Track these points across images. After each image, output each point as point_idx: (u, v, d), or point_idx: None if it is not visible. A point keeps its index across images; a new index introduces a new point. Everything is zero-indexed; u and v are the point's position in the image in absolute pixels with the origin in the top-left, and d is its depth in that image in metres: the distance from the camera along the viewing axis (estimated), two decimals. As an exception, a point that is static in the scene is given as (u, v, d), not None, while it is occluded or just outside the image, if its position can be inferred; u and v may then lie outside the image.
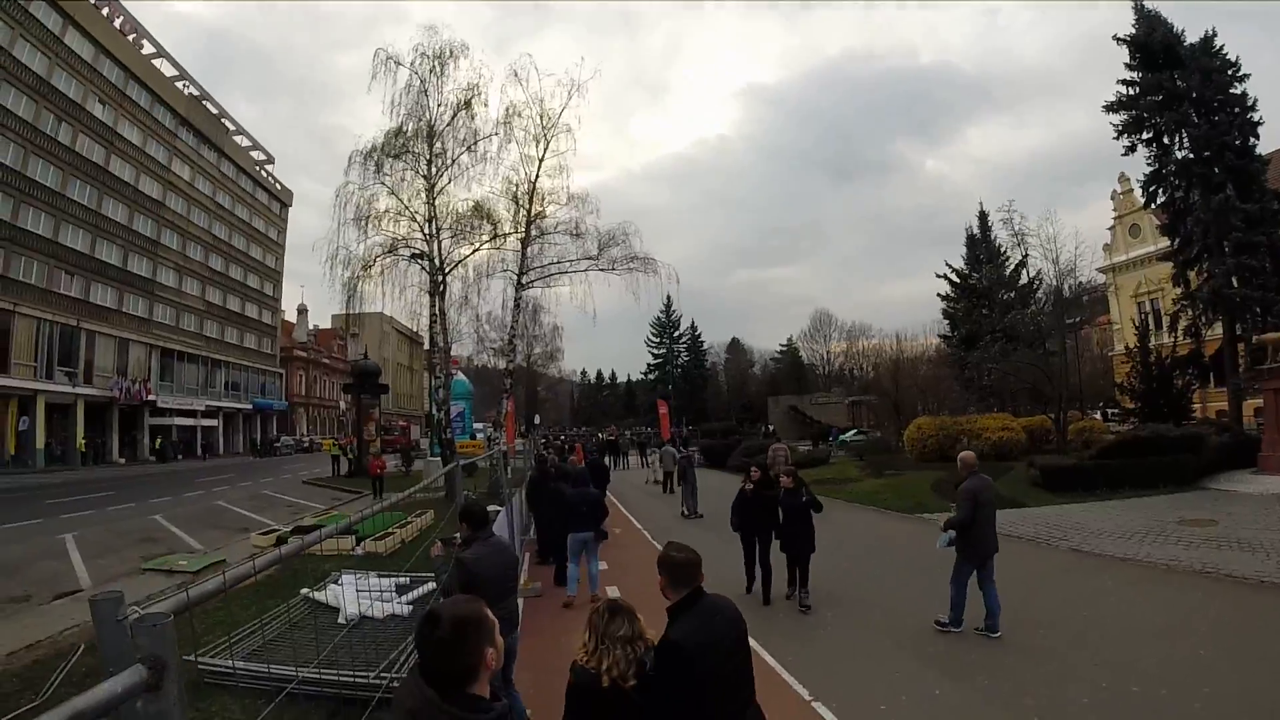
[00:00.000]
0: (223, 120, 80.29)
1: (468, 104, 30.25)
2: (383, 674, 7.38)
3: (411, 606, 10.50)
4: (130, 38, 63.59)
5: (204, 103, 76.29)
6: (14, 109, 49.62)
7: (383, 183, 30.58)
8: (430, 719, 2.39)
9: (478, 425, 55.92)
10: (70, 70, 55.29)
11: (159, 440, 64.78)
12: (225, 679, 7.68)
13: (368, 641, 8.95)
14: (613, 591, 12.41)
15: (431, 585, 10.04)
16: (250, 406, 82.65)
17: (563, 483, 14.83)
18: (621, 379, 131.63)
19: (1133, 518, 17.27)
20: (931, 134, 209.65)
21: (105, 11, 59.66)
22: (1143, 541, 14.77)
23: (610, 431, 70.13)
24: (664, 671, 3.70)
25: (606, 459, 36.29)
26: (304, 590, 11.27)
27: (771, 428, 70.13)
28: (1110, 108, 34.63)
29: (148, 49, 66.76)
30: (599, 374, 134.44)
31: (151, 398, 63.69)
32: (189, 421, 70.42)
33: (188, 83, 73.19)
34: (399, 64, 29.91)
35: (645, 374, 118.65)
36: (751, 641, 6.91)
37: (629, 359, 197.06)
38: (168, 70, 69.99)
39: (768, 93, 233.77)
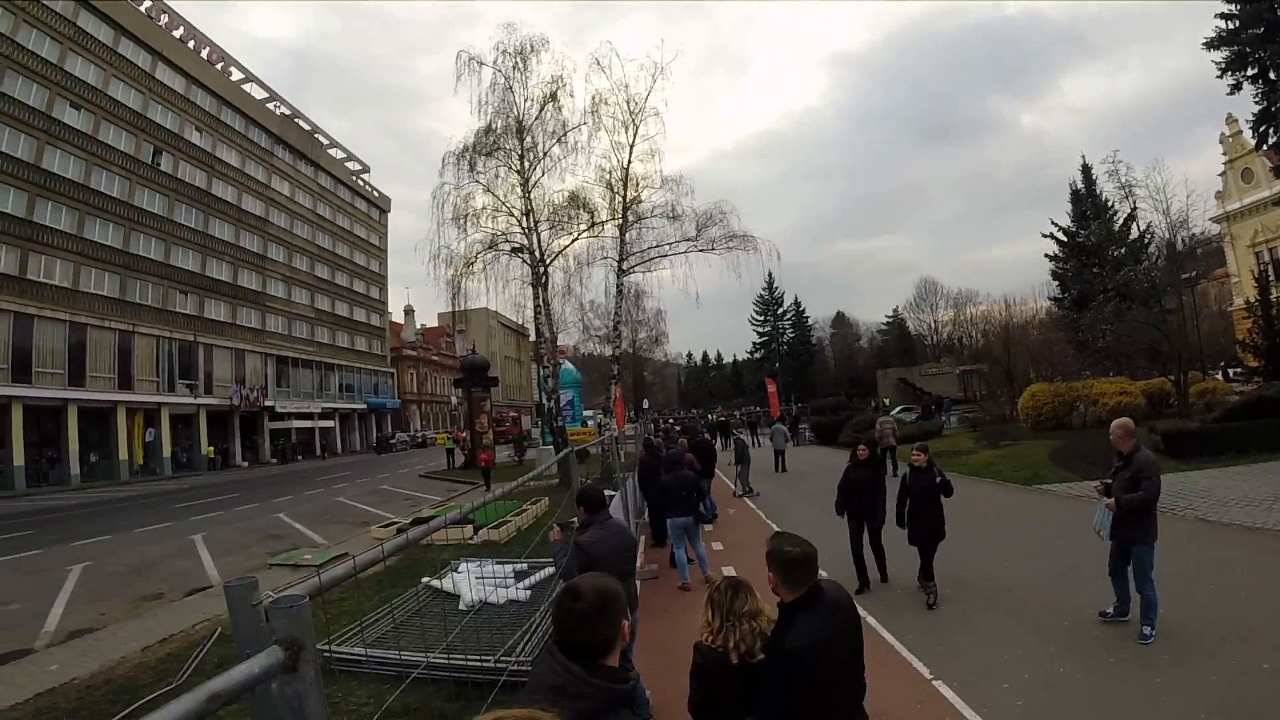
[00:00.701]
0: (316, 135, 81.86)
1: (553, 96, 29.89)
2: (503, 658, 7.38)
3: (530, 592, 10.55)
4: (219, 66, 65.14)
5: (296, 120, 77.85)
6: (115, 144, 52.07)
7: (477, 181, 30.57)
8: (579, 693, 2.32)
9: (588, 412, 55.82)
10: (164, 103, 57.42)
11: (285, 442, 67.39)
12: (354, 666, 7.84)
13: (488, 627, 9.01)
14: (728, 572, 12.08)
15: (549, 570, 10.08)
16: (365, 406, 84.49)
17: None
18: (727, 359, 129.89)
19: (1261, 484, 15.73)
20: (1024, 87, 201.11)
21: (191, 44, 61.31)
22: (1272, 509, 13.32)
23: (719, 413, 69.75)
24: (778, 678, 3.41)
25: (717, 440, 35.85)
26: (425, 579, 11.41)
27: (887, 400, 68.06)
28: (1210, 44, 31.76)
29: (236, 75, 68.35)
30: (704, 355, 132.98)
31: (270, 403, 65.76)
32: (307, 424, 72.30)
33: (278, 103, 74.76)
34: (481, 64, 29.71)
35: (751, 353, 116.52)
36: (870, 619, 6.50)
37: (734, 339, 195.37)
38: (258, 93, 71.67)
39: (851, 59, 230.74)
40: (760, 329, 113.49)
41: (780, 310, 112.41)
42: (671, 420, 56.50)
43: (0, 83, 43.56)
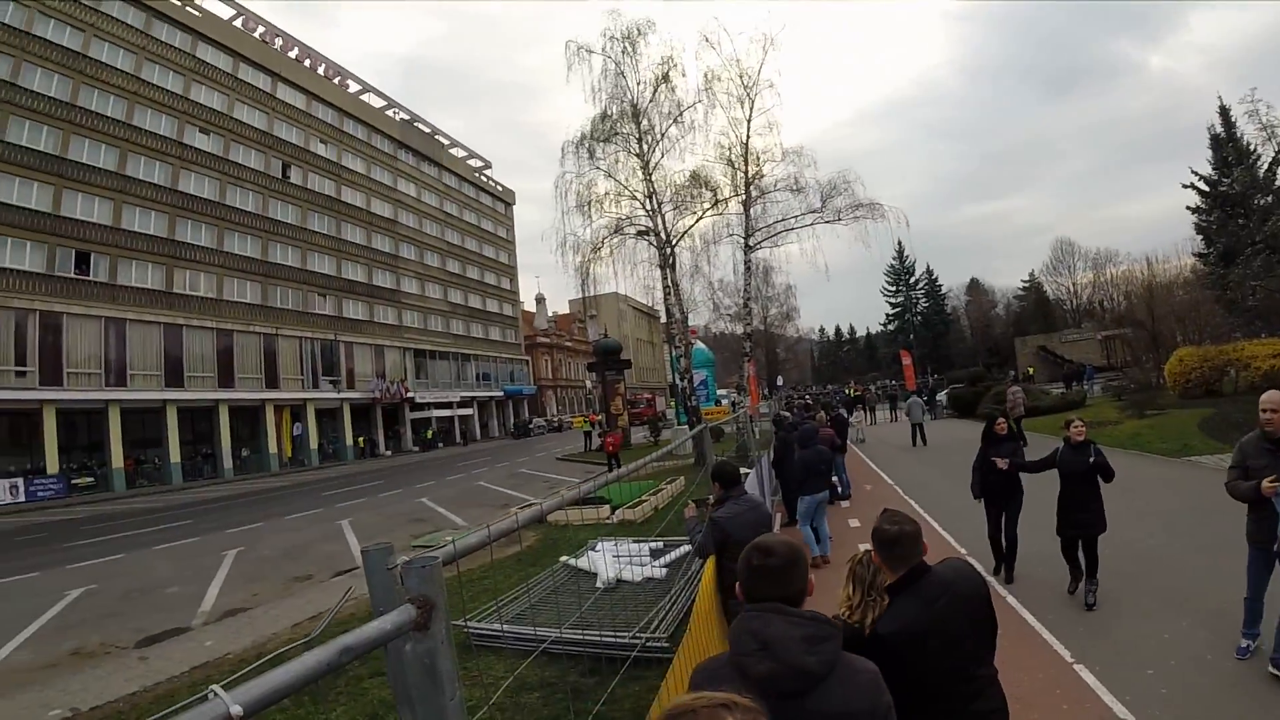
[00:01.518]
0: (436, 136, 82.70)
1: (665, 77, 28.91)
2: (639, 634, 7.40)
3: (666, 569, 10.45)
4: (335, 80, 66.77)
5: (415, 124, 78.82)
6: (245, 162, 54.57)
7: (598, 167, 29.94)
8: (826, 634, 2.32)
9: (721, 391, 55.25)
10: (288, 119, 59.68)
11: (430, 431, 68.75)
12: (492, 641, 8.11)
13: (625, 603, 9.02)
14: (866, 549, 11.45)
15: (685, 548, 10.12)
16: (502, 394, 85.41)
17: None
18: (860, 332, 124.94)
19: None
20: (1150, 26, 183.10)
21: (307, 63, 63.08)
22: None
23: (855, 386, 68.03)
24: (878, 664, 2.84)
25: (858, 414, 35.17)
26: (563, 558, 11.50)
27: (1031, 370, 64.66)
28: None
29: (354, 87, 69.79)
30: (837, 329, 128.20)
31: (410, 395, 67.41)
32: (446, 413, 73.64)
33: (396, 109, 75.89)
34: (590, 52, 29.03)
35: (884, 325, 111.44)
36: (1010, 599, 5.64)
37: (866, 311, 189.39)
38: (376, 102, 73.01)
39: (968, 11, 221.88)
40: (892, 300, 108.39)
41: (912, 279, 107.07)
42: (805, 395, 55.15)
43: (132, 116, 45.82)
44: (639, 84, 28.96)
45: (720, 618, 5.50)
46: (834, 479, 14.97)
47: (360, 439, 61.25)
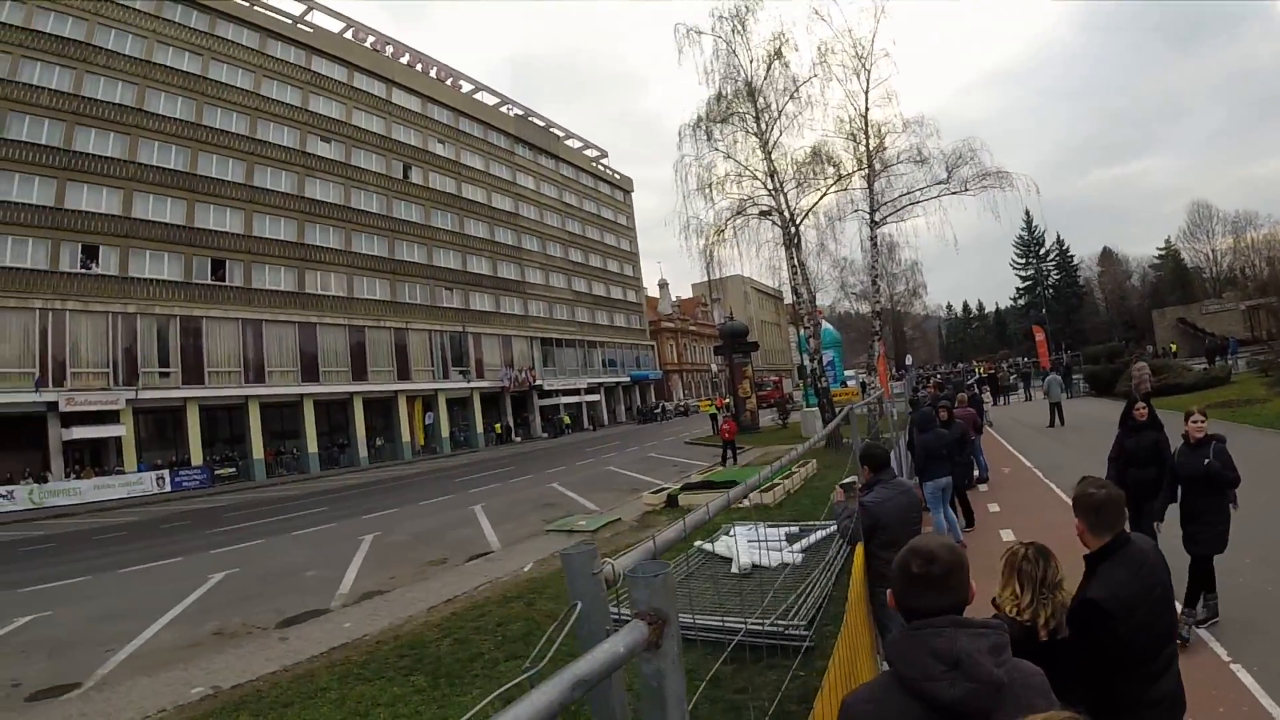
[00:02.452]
0: (551, 129, 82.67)
1: (778, 53, 27.51)
2: (778, 620, 7.19)
3: (803, 555, 10.01)
4: (448, 82, 67.60)
5: (530, 119, 78.96)
6: (367, 165, 56.08)
7: (716, 149, 29.06)
8: (1002, 642, 2.04)
9: (848, 372, 53.65)
10: (405, 123, 60.88)
11: (566, 417, 69.32)
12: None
13: (761, 589, 8.68)
14: (1006, 536, 10.83)
15: (821, 533, 9.89)
16: (628, 379, 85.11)
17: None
18: (989, 308, 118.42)
19: None
20: None
21: (419, 67, 64.11)
22: None
23: (988, 365, 65.12)
24: (1083, 633, 3.08)
25: (986, 395, 33.83)
26: (697, 542, 11.12)
27: (1174, 346, 59.23)
28: None
29: (466, 87, 70.50)
30: (965, 305, 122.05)
31: (538, 382, 67.75)
32: (574, 399, 73.63)
33: (510, 105, 76.19)
34: (700, 33, 28.08)
35: (1014, 300, 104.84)
36: None
37: (995, 285, 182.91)
38: (489, 100, 73.52)
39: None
40: (1022, 273, 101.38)
41: (1042, 251, 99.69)
42: (935, 374, 52.56)
43: (256, 130, 47.92)
44: (751, 62, 27.96)
45: (869, 606, 5.28)
46: (973, 460, 14.42)
47: (497, 425, 62.37)
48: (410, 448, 53.84)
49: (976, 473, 15.19)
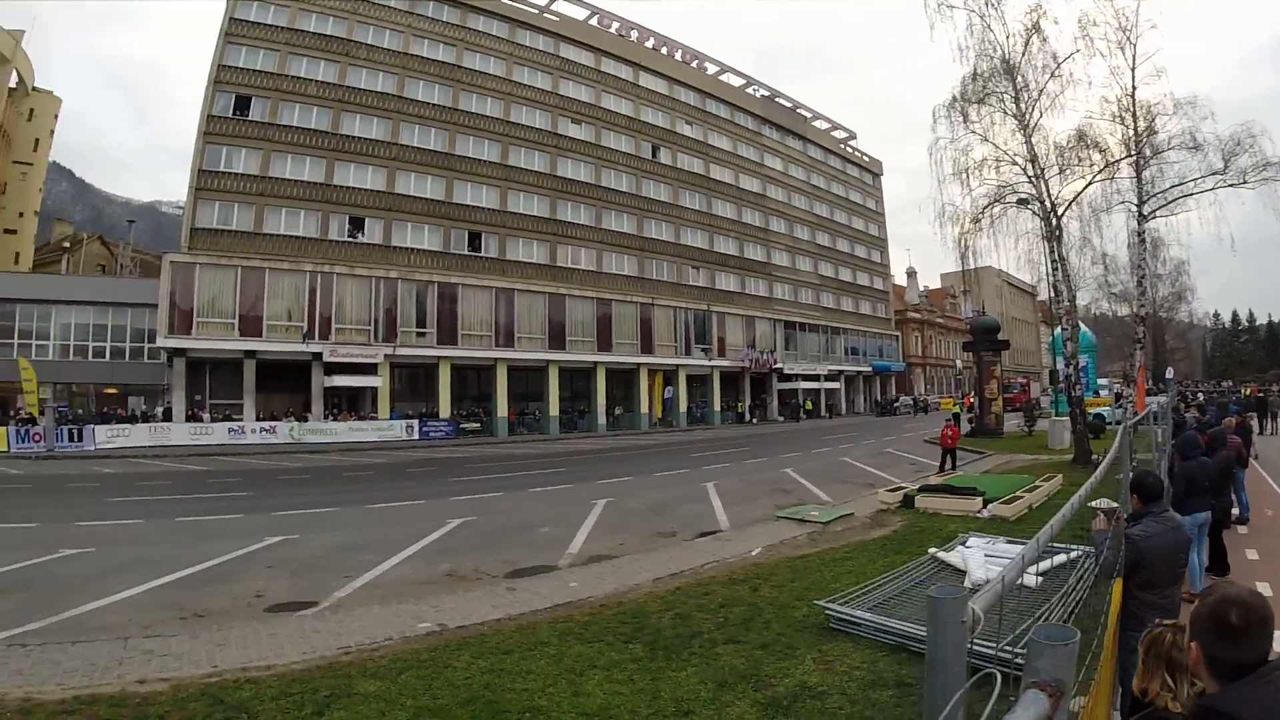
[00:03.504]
0: (798, 110, 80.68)
1: (1036, 27, 24.61)
2: (1006, 647, 5.92)
3: (1042, 579, 8.80)
4: (693, 64, 67.64)
5: (776, 100, 77.43)
6: (616, 145, 58.38)
7: (973, 131, 26.58)
8: None
9: (1101, 380, 49.74)
10: (652, 105, 62.14)
11: (808, 402, 68.64)
12: (853, 627, 7.71)
13: (992, 610, 7.25)
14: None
15: (1063, 557, 8.86)
16: (870, 369, 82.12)
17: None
18: (1260, 320, 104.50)
19: None
20: None
21: (664, 50, 64.67)
22: None
23: (1254, 389, 58.69)
24: None
25: (1253, 421, 30.19)
26: (931, 550, 10.72)
27: None
28: None
29: (711, 69, 70.17)
30: (1234, 316, 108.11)
31: (778, 365, 66.79)
32: (813, 385, 71.58)
33: (756, 87, 75.07)
34: (952, 7, 25.48)
35: None
36: None
37: (1270, 294, 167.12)
38: (735, 81, 72.84)
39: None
40: None
41: None
42: (1198, 393, 47.24)
43: (510, 114, 51.35)
44: (1008, 37, 25.17)
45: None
46: (1233, 498, 12.57)
47: (738, 404, 63.09)
48: (648, 419, 55.07)
49: (1236, 511, 13.16)
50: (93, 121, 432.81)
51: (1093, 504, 5.80)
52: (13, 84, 57.77)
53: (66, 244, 62.06)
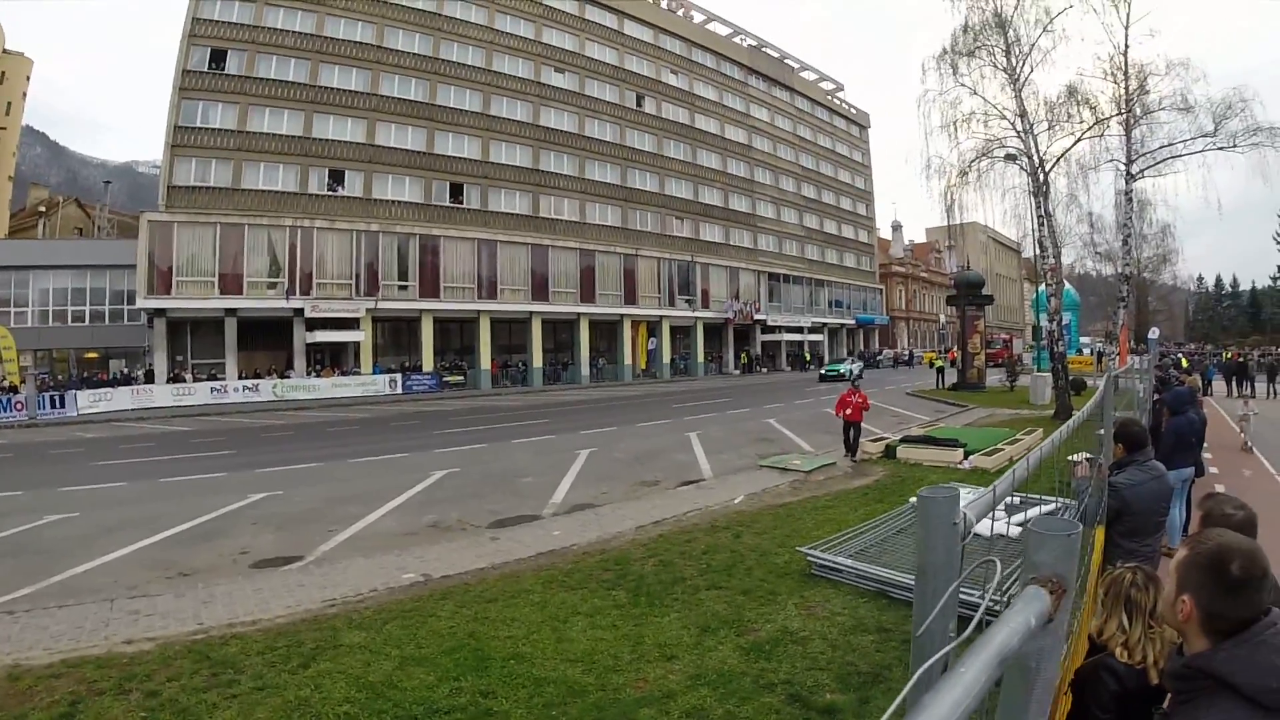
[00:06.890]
0: (785, 61, 79.86)
1: None
2: (988, 594, 5.74)
3: (1020, 529, 8.75)
4: (679, 13, 66.74)
5: (764, 50, 76.57)
6: (600, 95, 57.55)
7: (962, 84, 26.27)
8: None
9: (1083, 339, 49.99)
10: (637, 54, 61.10)
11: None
12: (834, 574, 7.94)
13: (972, 557, 7.44)
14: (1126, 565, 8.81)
15: (1042, 508, 8.49)
16: (853, 322, 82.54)
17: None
18: (1243, 285, 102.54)
19: None
20: None
21: None
22: None
23: (1235, 353, 58.79)
24: None
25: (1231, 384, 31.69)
26: (912, 499, 10.14)
27: None
28: None
29: (698, 18, 69.21)
30: (1217, 281, 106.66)
31: (761, 317, 67.03)
32: (796, 337, 72.21)
33: (743, 35, 74.24)
34: None
35: (1274, 279, 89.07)
36: None
37: (1254, 261, 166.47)
38: (722, 30, 71.90)
39: None
40: None
41: None
42: (1178, 354, 47.42)
43: (491, 63, 50.43)
44: None
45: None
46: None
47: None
48: (631, 370, 55.38)
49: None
50: (67, 83, 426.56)
51: (1071, 457, 5.89)
52: (-17, 47, 56.37)
53: (42, 208, 61.02)
